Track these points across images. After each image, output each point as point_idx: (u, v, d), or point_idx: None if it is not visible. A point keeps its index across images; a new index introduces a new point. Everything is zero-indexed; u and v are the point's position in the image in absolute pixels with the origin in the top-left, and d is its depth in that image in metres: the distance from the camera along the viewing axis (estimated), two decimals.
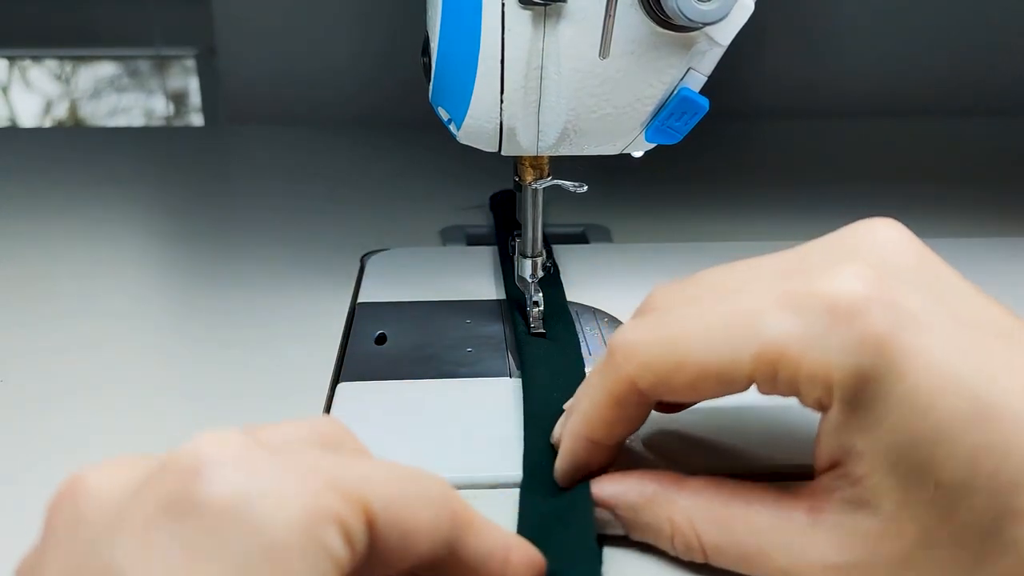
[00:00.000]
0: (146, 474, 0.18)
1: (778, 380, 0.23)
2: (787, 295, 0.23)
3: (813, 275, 0.23)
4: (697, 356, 0.24)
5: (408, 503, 0.20)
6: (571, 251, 0.50)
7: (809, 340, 0.22)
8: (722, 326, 0.24)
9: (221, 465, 0.18)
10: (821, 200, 0.59)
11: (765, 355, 0.23)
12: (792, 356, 0.23)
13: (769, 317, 0.23)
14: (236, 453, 0.18)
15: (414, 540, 0.20)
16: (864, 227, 0.26)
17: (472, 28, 0.33)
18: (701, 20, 0.31)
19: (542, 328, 0.39)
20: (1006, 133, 0.75)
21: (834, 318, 0.22)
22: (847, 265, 0.23)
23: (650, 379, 0.25)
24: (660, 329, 0.25)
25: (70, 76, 1.09)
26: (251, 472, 0.18)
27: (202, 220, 0.57)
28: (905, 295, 0.23)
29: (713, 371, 0.24)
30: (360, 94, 0.77)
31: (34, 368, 0.39)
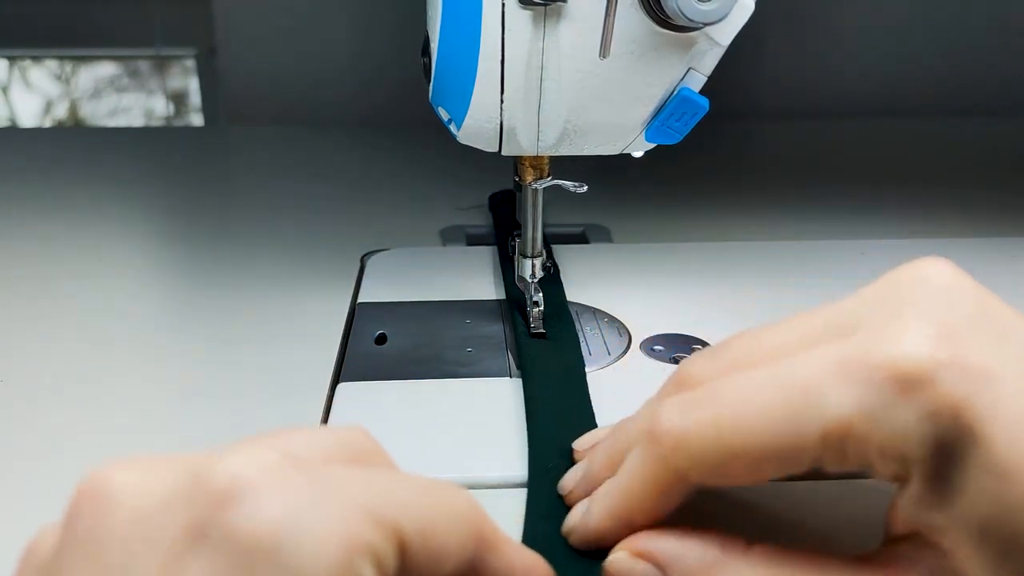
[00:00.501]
0: (176, 488, 0.18)
1: (847, 459, 0.21)
2: (846, 364, 0.21)
3: (869, 337, 0.22)
4: (755, 443, 0.22)
5: (438, 526, 0.19)
6: (571, 251, 0.50)
7: (878, 415, 0.21)
8: (780, 406, 0.22)
9: (257, 493, 0.17)
10: (821, 200, 0.59)
11: (832, 436, 0.21)
12: (861, 434, 0.21)
13: (831, 393, 0.21)
14: (272, 479, 0.17)
15: (441, 562, 0.20)
16: (913, 272, 0.23)
17: (472, 28, 0.33)
18: (701, 20, 0.31)
19: (542, 328, 0.39)
20: (1006, 133, 0.75)
21: (902, 388, 0.21)
22: (905, 323, 0.21)
23: (703, 471, 0.23)
24: (709, 409, 0.23)
25: (70, 76, 1.09)
26: (288, 503, 0.17)
27: (202, 220, 0.57)
28: (972, 351, 0.21)
29: (773, 457, 0.22)
30: (360, 94, 0.77)
31: (34, 368, 0.39)
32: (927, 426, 0.20)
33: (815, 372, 0.21)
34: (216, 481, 0.17)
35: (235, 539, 0.16)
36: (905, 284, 0.23)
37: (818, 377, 0.21)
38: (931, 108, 0.79)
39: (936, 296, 0.22)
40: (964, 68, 0.79)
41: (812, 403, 0.21)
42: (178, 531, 0.17)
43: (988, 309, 0.23)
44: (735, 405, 0.22)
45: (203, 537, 0.17)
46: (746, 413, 0.22)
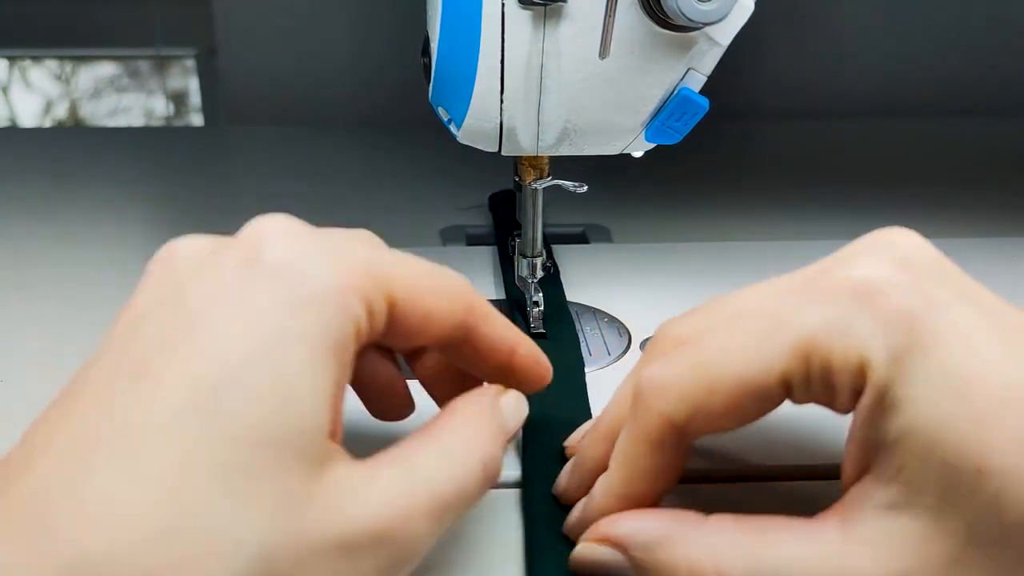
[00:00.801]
0: (218, 240, 0.24)
1: (811, 376, 0.22)
2: (808, 284, 0.23)
3: (833, 270, 0.23)
4: (731, 375, 0.23)
5: (428, 291, 0.24)
6: (571, 251, 0.50)
7: (838, 326, 0.22)
8: (752, 335, 0.23)
9: (278, 236, 0.23)
10: (821, 200, 0.59)
11: (797, 352, 0.22)
12: (823, 345, 0.22)
13: (796, 312, 0.23)
14: (288, 228, 0.23)
15: (432, 322, 0.24)
16: (880, 233, 0.25)
17: (472, 28, 0.33)
18: (701, 20, 0.31)
19: (542, 328, 0.39)
20: (1006, 133, 0.75)
21: (860, 300, 0.22)
22: (866, 256, 0.23)
23: (686, 411, 0.24)
24: (686, 358, 0.24)
25: (70, 76, 1.09)
26: (300, 245, 0.22)
27: (202, 220, 0.57)
28: (926, 279, 0.23)
29: (750, 384, 0.23)
30: (360, 94, 0.77)
31: (34, 368, 0.39)
32: (883, 335, 0.22)
33: (782, 299, 0.24)
34: (248, 234, 0.23)
35: (261, 263, 0.22)
36: (872, 240, 0.25)
37: (785, 302, 0.23)
38: (931, 108, 0.79)
39: (900, 247, 0.24)
40: (964, 68, 0.79)
41: (779, 325, 0.23)
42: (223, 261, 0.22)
43: (946, 265, 0.24)
44: (711, 347, 0.24)
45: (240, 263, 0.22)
46: (722, 348, 0.24)
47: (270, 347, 0.21)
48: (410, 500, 0.22)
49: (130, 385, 0.20)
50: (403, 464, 0.23)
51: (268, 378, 0.20)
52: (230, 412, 0.20)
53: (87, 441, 0.19)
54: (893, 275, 0.22)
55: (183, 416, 0.19)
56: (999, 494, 0.20)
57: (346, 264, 0.22)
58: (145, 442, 0.19)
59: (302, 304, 0.21)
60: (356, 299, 0.22)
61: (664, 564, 0.23)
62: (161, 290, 0.23)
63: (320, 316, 0.21)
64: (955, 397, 0.21)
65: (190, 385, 0.20)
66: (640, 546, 0.24)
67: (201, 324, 0.21)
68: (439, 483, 0.23)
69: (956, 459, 0.21)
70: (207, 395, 0.20)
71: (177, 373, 0.20)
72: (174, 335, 0.21)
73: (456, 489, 0.23)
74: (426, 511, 0.22)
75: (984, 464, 0.20)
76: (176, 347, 0.21)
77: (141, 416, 0.20)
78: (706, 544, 0.23)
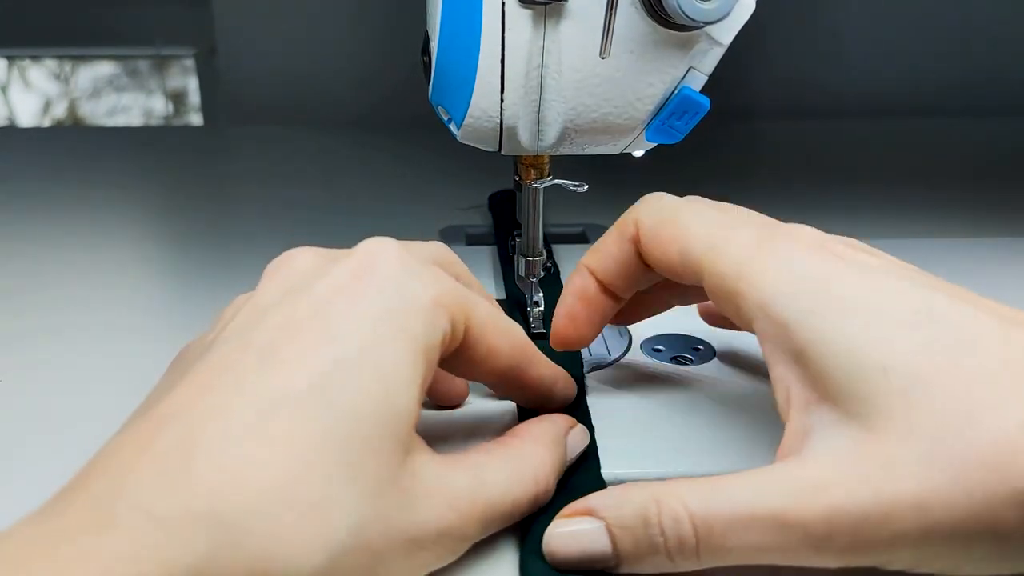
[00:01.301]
0: (338, 255, 0.27)
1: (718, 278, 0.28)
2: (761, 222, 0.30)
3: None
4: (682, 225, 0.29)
5: (495, 330, 0.28)
6: (571, 251, 0.50)
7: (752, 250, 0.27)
8: (710, 218, 0.29)
9: (390, 254, 0.26)
10: (821, 200, 0.59)
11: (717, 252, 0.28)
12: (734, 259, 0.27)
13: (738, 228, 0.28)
14: (398, 250, 0.26)
15: (492, 357, 0.28)
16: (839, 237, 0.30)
17: (472, 27, 0.33)
18: (702, 19, 0.31)
19: (542, 328, 0.39)
20: (1006, 133, 0.75)
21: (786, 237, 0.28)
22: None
23: (648, 223, 0.30)
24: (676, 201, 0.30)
25: (69, 75, 1.09)
26: (406, 265, 0.26)
27: (201, 220, 0.57)
28: (850, 249, 0.27)
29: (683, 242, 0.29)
30: (360, 93, 0.77)
31: (33, 368, 0.39)
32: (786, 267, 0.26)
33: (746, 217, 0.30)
34: (362, 252, 0.26)
35: (374, 274, 0.25)
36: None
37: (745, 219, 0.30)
38: (931, 108, 0.79)
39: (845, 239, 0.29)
40: (964, 68, 0.79)
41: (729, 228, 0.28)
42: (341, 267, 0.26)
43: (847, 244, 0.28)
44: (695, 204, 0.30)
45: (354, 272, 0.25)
46: (695, 209, 0.30)
47: (377, 342, 0.24)
48: (469, 505, 0.25)
49: (259, 365, 0.23)
50: (473, 470, 0.26)
51: (374, 368, 0.23)
52: (343, 395, 0.23)
53: (223, 410, 0.22)
54: (825, 237, 0.28)
55: (304, 396, 0.22)
56: (906, 388, 0.23)
57: (440, 287, 0.26)
58: (272, 416, 0.22)
59: (405, 311, 0.25)
60: (445, 315, 0.26)
61: (636, 509, 0.24)
62: (288, 284, 0.26)
63: (417, 322, 0.25)
64: (842, 315, 0.24)
65: (311, 369, 0.23)
66: (610, 507, 0.25)
67: (322, 317, 0.24)
68: (498, 495, 0.26)
69: (859, 364, 0.23)
70: (325, 378, 0.23)
71: (300, 357, 0.23)
72: (299, 324, 0.24)
73: (511, 504, 0.26)
74: (480, 517, 0.25)
75: (887, 362, 0.23)
76: (299, 335, 0.24)
77: (268, 393, 0.22)
78: (672, 487, 0.25)
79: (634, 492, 0.25)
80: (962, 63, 0.78)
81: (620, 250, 0.31)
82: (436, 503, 0.24)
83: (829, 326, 0.24)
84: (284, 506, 0.21)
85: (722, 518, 0.24)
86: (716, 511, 0.24)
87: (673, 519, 0.24)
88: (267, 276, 0.27)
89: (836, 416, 0.24)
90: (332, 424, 0.22)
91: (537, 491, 0.27)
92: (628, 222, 0.31)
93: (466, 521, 0.25)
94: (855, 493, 0.22)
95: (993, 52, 0.78)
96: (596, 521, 0.25)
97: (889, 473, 0.22)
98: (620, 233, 0.31)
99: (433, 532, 0.24)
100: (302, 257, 0.27)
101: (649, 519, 0.24)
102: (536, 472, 0.27)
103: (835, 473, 0.23)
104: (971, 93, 0.79)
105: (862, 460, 0.23)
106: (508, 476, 0.26)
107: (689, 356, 0.38)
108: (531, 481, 0.27)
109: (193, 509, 0.20)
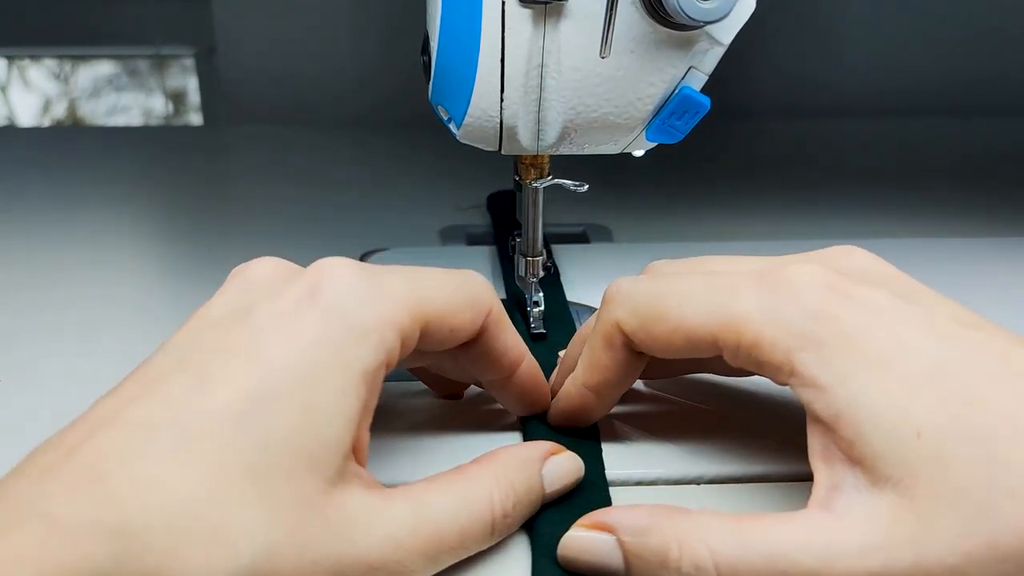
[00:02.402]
0: (293, 273, 0.27)
1: (740, 347, 0.26)
2: (758, 277, 0.27)
3: (784, 266, 0.27)
4: (675, 311, 0.27)
5: (455, 312, 0.27)
6: (571, 251, 0.50)
7: (768, 312, 0.26)
8: (701, 292, 0.27)
9: (337, 278, 0.26)
10: (822, 200, 0.59)
11: (731, 323, 0.26)
12: (754, 325, 0.26)
13: (742, 292, 0.26)
14: (347, 272, 0.26)
15: (456, 335, 0.28)
16: (840, 247, 0.29)
17: (472, 26, 0.33)
18: (702, 19, 0.31)
19: (542, 328, 0.39)
20: (1006, 133, 0.75)
21: (790, 294, 0.26)
22: (813, 261, 0.27)
23: (634, 324, 0.28)
24: (651, 286, 0.28)
25: (69, 75, 1.09)
26: (352, 288, 0.25)
27: (201, 220, 0.57)
28: (858, 283, 0.26)
29: (687, 327, 0.27)
30: (360, 93, 0.77)
31: (33, 368, 0.39)
32: (804, 325, 0.25)
33: (739, 277, 0.27)
34: (314, 270, 0.26)
35: (320, 296, 0.25)
36: (830, 249, 0.29)
37: (737, 280, 0.27)
38: (931, 108, 0.79)
39: (842, 259, 0.28)
40: (964, 68, 0.78)
41: (727, 295, 0.26)
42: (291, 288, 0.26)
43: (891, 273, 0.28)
44: (671, 285, 0.28)
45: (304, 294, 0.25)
46: (676, 289, 0.28)
47: (310, 372, 0.24)
48: (410, 536, 0.24)
49: (189, 384, 0.23)
50: (414, 501, 0.25)
51: (303, 398, 0.23)
52: (266, 422, 0.23)
53: (146, 426, 0.23)
54: (824, 279, 0.26)
55: (226, 420, 0.23)
56: (942, 452, 0.22)
57: (389, 304, 0.26)
58: (192, 436, 0.22)
59: (345, 339, 0.25)
60: (393, 334, 0.26)
61: (655, 546, 0.24)
62: (234, 303, 0.26)
63: (358, 350, 0.25)
64: (873, 375, 0.24)
65: (237, 394, 0.23)
66: (631, 531, 0.25)
67: (258, 343, 0.24)
68: (443, 526, 0.25)
69: (896, 428, 0.23)
70: (249, 404, 0.23)
71: (228, 381, 0.23)
72: (234, 346, 0.24)
73: (458, 533, 0.25)
74: (422, 549, 0.24)
75: (921, 424, 0.23)
76: (233, 358, 0.24)
77: (192, 414, 0.23)
78: (696, 528, 0.24)
79: (659, 523, 0.25)
80: (962, 63, 0.78)
81: (613, 358, 0.29)
82: (368, 534, 0.23)
83: (861, 390, 0.24)
84: (190, 526, 0.21)
85: (752, 570, 0.23)
86: (745, 561, 0.23)
87: (695, 566, 0.24)
88: (224, 285, 0.28)
89: (869, 478, 0.23)
90: (249, 451, 0.22)
91: (493, 517, 0.26)
92: (611, 330, 0.29)
93: (406, 554, 0.24)
94: (894, 560, 0.22)
95: (993, 52, 0.78)
96: (613, 538, 0.25)
97: (928, 539, 0.22)
98: (607, 343, 0.29)
99: (363, 564, 0.23)
100: (260, 269, 0.27)
101: (668, 562, 0.24)
102: (491, 496, 0.26)
103: (873, 538, 0.23)
104: (971, 93, 0.79)
105: (900, 525, 0.22)
106: (455, 502, 0.25)
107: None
108: (485, 508, 0.26)
109: (101, 519, 0.20)
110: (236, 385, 0.23)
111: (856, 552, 0.22)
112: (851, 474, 0.24)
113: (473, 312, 0.28)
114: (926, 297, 0.27)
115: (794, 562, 0.23)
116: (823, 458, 0.25)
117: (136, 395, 0.24)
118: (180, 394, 0.23)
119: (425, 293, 0.27)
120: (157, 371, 0.25)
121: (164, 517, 0.21)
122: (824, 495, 0.24)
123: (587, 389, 0.30)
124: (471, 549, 0.26)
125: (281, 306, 0.25)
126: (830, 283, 0.26)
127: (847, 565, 0.22)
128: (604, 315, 0.29)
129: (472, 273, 0.29)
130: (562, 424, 0.32)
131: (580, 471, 0.29)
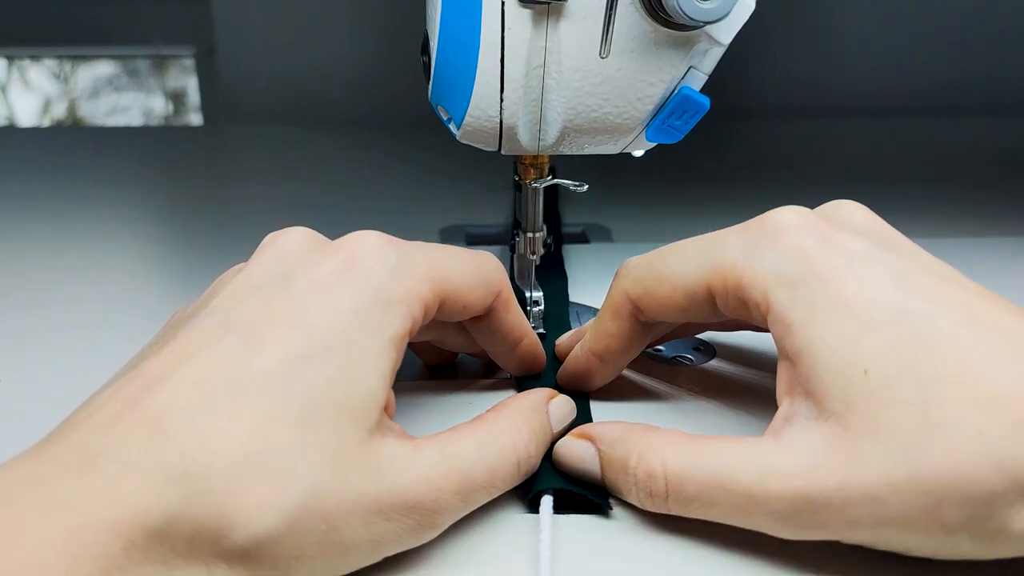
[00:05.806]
0: (325, 244, 0.29)
1: (728, 292, 0.28)
2: (743, 226, 0.29)
3: (768, 216, 0.29)
4: (673, 272, 0.30)
5: (471, 288, 0.30)
6: (571, 251, 0.50)
7: (750, 255, 0.28)
8: (695, 249, 0.30)
9: (371, 250, 0.28)
10: (822, 200, 0.59)
11: (719, 269, 0.29)
12: (738, 268, 0.28)
13: (726, 241, 0.29)
14: (380, 244, 0.28)
15: (469, 309, 0.31)
16: (834, 201, 0.31)
17: (472, 26, 0.33)
18: (702, 19, 0.31)
19: (542, 328, 0.39)
20: (1006, 133, 0.75)
21: (772, 238, 0.28)
22: (796, 210, 0.29)
23: (640, 291, 0.31)
24: (652, 254, 0.31)
25: (69, 75, 1.09)
26: (384, 260, 0.28)
27: (201, 219, 0.57)
28: (839, 229, 0.28)
29: (684, 284, 0.29)
30: (360, 93, 0.77)
31: (33, 368, 0.39)
32: (780, 266, 0.27)
33: (726, 231, 0.30)
34: (346, 241, 0.28)
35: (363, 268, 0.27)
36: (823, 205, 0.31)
37: (726, 232, 0.30)
38: (931, 108, 0.79)
39: (830, 209, 0.30)
40: (964, 68, 0.79)
41: (717, 245, 0.29)
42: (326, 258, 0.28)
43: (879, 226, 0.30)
44: (670, 253, 0.31)
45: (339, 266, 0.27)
46: (675, 255, 0.30)
47: (348, 336, 0.26)
48: (443, 478, 0.26)
49: (238, 344, 0.26)
50: (443, 447, 0.27)
51: (342, 358, 0.26)
52: (311, 378, 0.25)
53: (201, 381, 0.25)
54: (805, 222, 0.28)
55: (275, 377, 0.25)
56: (884, 392, 0.24)
57: (415, 277, 0.28)
58: (245, 391, 0.24)
59: (376, 308, 0.27)
60: (418, 305, 0.28)
61: (620, 455, 0.28)
62: (275, 267, 0.28)
63: (388, 317, 0.27)
64: (835, 316, 0.26)
65: (285, 354, 0.25)
66: (606, 441, 0.29)
67: (300, 307, 0.26)
68: (471, 467, 0.27)
69: (845, 366, 0.25)
70: (295, 364, 0.25)
71: (276, 342, 0.26)
72: (278, 310, 0.26)
73: (487, 472, 0.27)
74: (455, 489, 0.26)
75: (868, 366, 0.25)
76: (278, 320, 0.26)
77: (244, 371, 0.25)
78: (657, 442, 0.28)
79: (627, 436, 0.29)
80: (962, 63, 0.78)
81: (619, 327, 0.32)
82: (404, 475, 0.25)
83: (821, 331, 0.26)
84: (246, 471, 0.23)
85: (695, 482, 0.26)
86: (691, 474, 0.27)
87: (648, 474, 0.27)
88: (258, 253, 0.29)
89: (817, 411, 0.26)
90: (296, 404, 0.25)
91: (517, 458, 0.28)
92: (619, 300, 0.32)
93: (439, 493, 0.26)
94: (820, 482, 0.25)
95: (993, 52, 0.78)
96: (593, 448, 0.29)
97: (854, 467, 0.24)
98: (614, 313, 0.32)
99: (400, 503, 0.25)
100: (292, 238, 0.29)
101: (628, 468, 0.28)
102: (514, 439, 0.29)
103: (806, 462, 0.25)
104: (971, 93, 0.79)
105: (832, 454, 0.25)
106: (481, 445, 0.28)
107: (689, 356, 0.38)
108: (508, 449, 0.28)
109: (167, 465, 0.23)
110: (283, 345, 0.25)
111: (788, 473, 0.25)
112: (804, 407, 0.26)
113: (485, 291, 0.31)
114: (904, 248, 0.28)
115: (732, 479, 0.26)
116: (786, 391, 0.27)
117: (189, 352, 0.26)
118: (231, 353, 0.25)
119: (445, 271, 0.29)
120: (204, 332, 0.26)
121: (223, 463, 0.23)
122: (779, 425, 0.26)
123: (593, 355, 0.33)
124: (500, 488, 0.28)
125: (320, 275, 0.27)
126: (810, 226, 0.28)
127: (778, 485, 0.25)
128: (613, 287, 0.32)
129: (488, 255, 0.31)
130: (567, 386, 0.34)
131: (574, 411, 0.32)
